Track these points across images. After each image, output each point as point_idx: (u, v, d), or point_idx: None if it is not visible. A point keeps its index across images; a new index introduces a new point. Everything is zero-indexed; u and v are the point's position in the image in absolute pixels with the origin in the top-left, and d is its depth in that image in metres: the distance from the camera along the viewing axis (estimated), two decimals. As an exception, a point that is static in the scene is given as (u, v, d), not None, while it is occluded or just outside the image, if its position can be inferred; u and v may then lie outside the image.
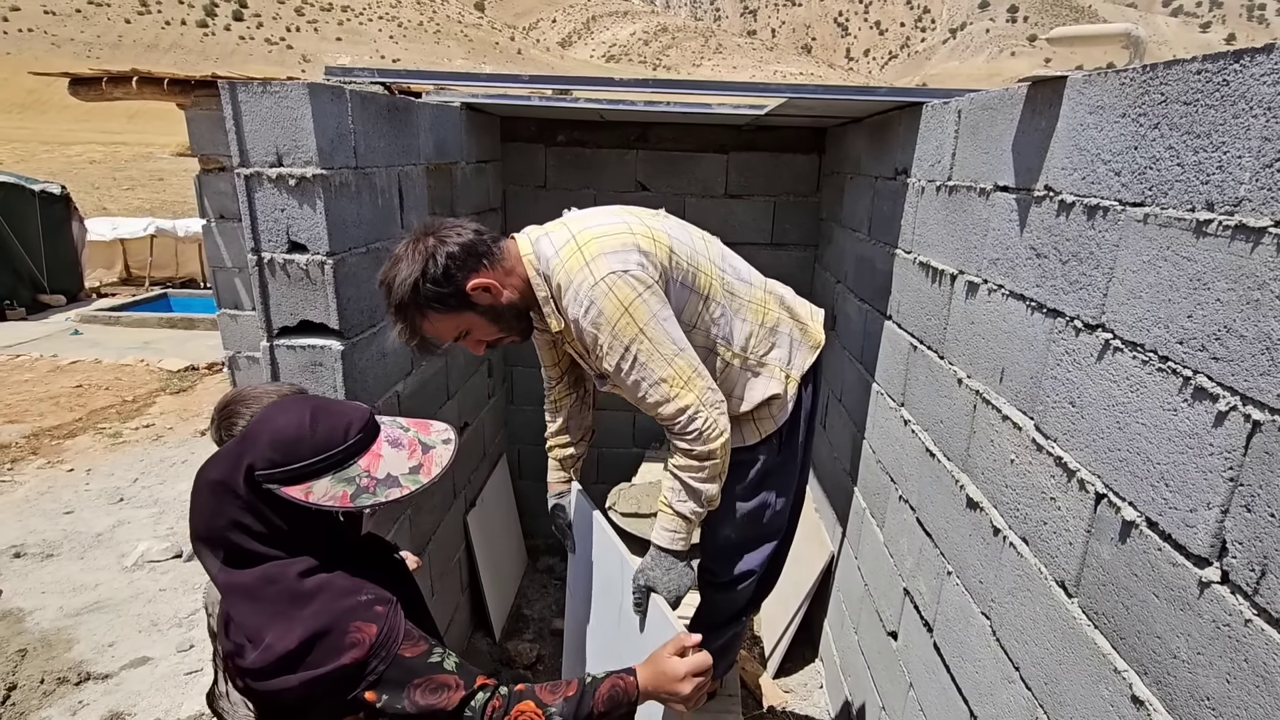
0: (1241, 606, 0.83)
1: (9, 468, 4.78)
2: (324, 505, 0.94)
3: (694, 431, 1.36)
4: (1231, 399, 0.86)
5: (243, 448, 0.96)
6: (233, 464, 0.96)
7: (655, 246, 1.39)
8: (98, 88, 3.49)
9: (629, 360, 1.34)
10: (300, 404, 1.00)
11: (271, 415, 0.99)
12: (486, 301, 1.38)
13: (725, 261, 1.59)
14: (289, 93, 1.59)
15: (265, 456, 0.94)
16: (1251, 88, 0.85)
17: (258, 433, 0.97)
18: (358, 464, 0.97)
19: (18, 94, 71.79)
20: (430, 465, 1.03)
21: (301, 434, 0.95)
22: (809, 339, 1.67)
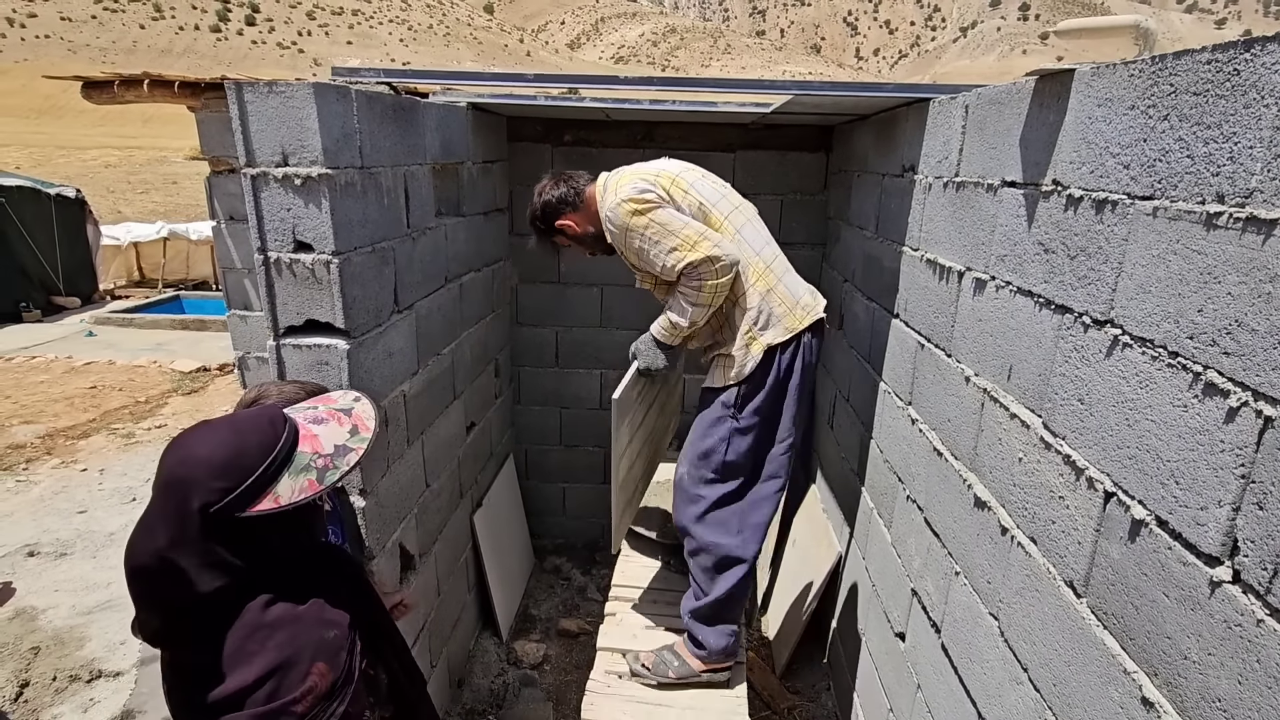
0: (1254, 606, 0.82)
1: (24, 467, 4.84)
2: (298, 500, 0.92)
3: (698, 277, 1.79)
4: (1243, 395, 0.84)
5: (173, 501, 0.89)
6: (174, 521, 0.88)
7: (667, 182, 1.88)
8: (110, 91, 3.53)
9: (648, 241, 1.82)
10: (208, 429, 0.94)
11: (189, 452, 0.91)
12: (570, 233, 2.01)
13: (742, 223, 1.94)
14: (294, 93, 1.60)
15: (213, 489, 0.88)
16: (1263, 77, 0.83)
17: (185, 477, 0.89)
18: (302, 451, 0.95)
19: (35, 99, 72.85)
20: (362, 421, 1.02)
21: (237, 450, 0.91)
22: (787, 319, 1.90)
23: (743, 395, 1.91)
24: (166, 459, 0.92)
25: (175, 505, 0.89)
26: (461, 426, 2.79)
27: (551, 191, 2.00)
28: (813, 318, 1.92)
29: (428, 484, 2.43)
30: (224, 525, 0.89)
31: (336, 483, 0.96)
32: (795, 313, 1.90)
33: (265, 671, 0.90)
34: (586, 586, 3.55)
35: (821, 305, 1.98)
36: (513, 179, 3.31)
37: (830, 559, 2.79)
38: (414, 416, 2.26)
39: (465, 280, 2.73)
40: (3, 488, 4.54)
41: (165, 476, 0.91)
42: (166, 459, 0.92)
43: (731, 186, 2.04)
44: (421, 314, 2.28)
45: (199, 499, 0.88)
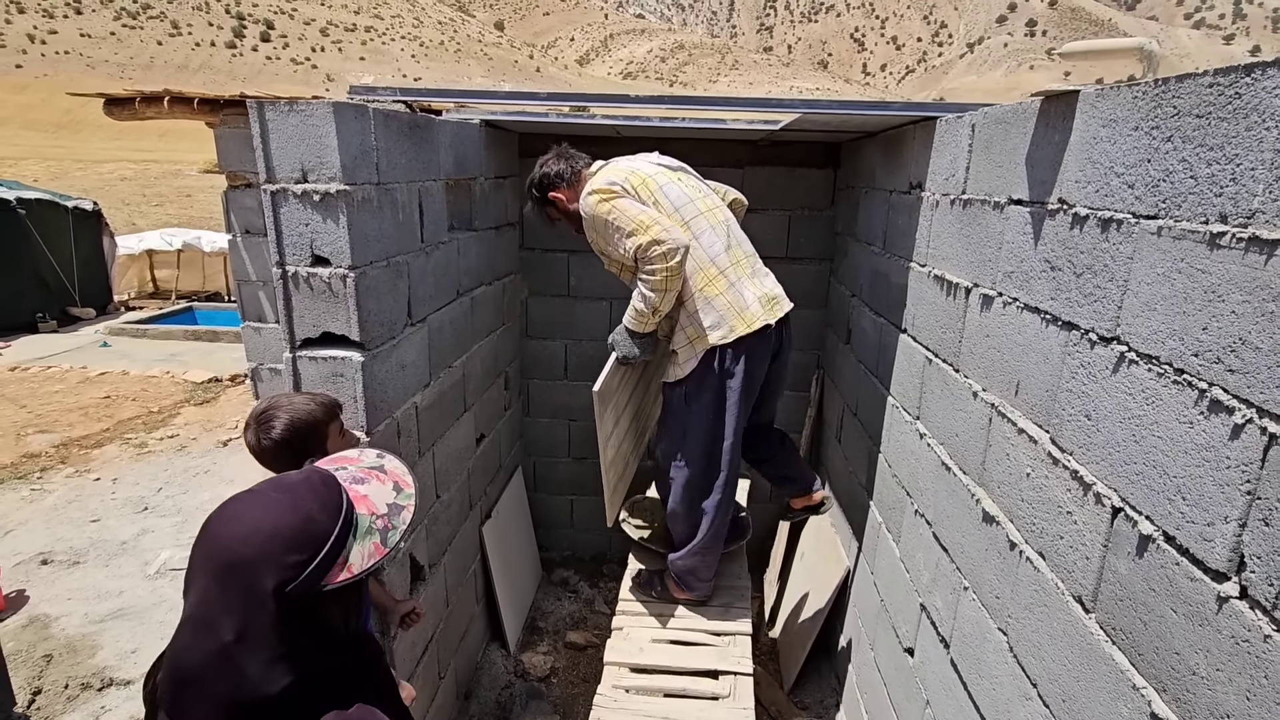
0: (1261, 622, 0.82)
1: (39, 476, 4.89)
2: (369, 568, 0.84)
3: (648, 258, 1.90)
4: (1248, 411, 0.85)
5: (241, 585, 0.77)
6: (244, 608, 0.77)
7: (637, 181, 2.03)
8: (131, 108, 3.60)
9: (610, 228, 1.95)
10: (260, 499, 0.83)
11: (251, 526, 0.80)
12: (560, 206, 2.17)
13: (703, 228, 2.04)
14: (314, 111, 1.64)
15: (289, 564, 0.78)
16: (1264, 100, 0.85)
17: (253, 556, 0.78)
18: (361, 514, 0.88)
19: (54, 114, 74.16)
20: (400, 477, 0.97)
21: (305, 517, 0.81)
22: (732, 323, 2.00)
23: (687, 393, 2.08)
24: (222, 538, 0.80)
25: (244, 589, 0.77)
26: (471, 438, 2.81)
27: (552, 165, 2.18)
28: (755, 325, 2.00)
29: (438, 495, 2.45)
30: (296, 607, 0.78)
31: (399, 545, 0.89)
32: (742, 317, 2.00)
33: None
34: (594, 599, 3.55)
35: (772, 315, 2.05)
36: (524, 194, 3.35)
37: (839, 573, 2.78)
38: (425, 428, 2.29)
39: (476, 294, 2.76)
40: (18, 496, 4.59)
41: (227, 558, 0.78)
42: (222, 538, 0.80)
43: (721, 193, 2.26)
44: (434, 327, 2.31)
45: (274, 578, 0.77)
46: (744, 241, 2.14)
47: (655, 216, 1.93)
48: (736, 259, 2.06)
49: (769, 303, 2.06)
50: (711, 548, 2.27)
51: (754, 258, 2.14)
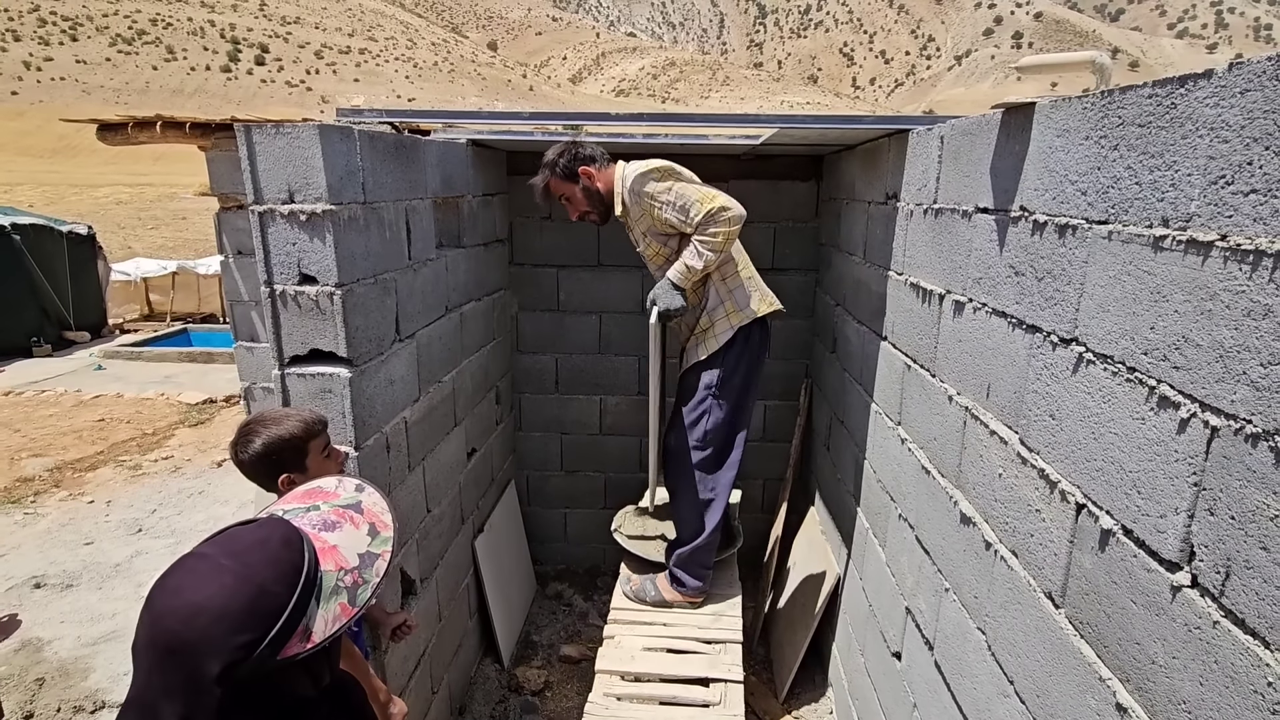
0: (1210, 609, 0.85)
1: (32, 500, 4.88)
2: (333, 634, 0.75)
3: (715, 220, 2.11)
4: (1192, 406, 0.89)
5: (182, 672, 0.69)
6: (183, 693, 0.69)
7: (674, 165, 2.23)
8: (124, 132, 3.66)
9: (668, 203, 2.17)
10: (207, 568, 0.73)
11: (194, 605, 0.70)
12: (585, 183, 2.30)
13: None
14: (300, 134, 1.68)
15: (236, 646, 0.69)
16: (1196, 110, 0.90)
17: (197, 640, 0.69)
18: (326, 571, 0.77)
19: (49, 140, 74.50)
20: (378, 518, 0.87)
21: (256, 595, 0.71)
22: (757, 303, 2.30)
23: (721, 377, 2.29)
24: (164, 617, 0.71)
25: (186, 676, 0.69)
26: (463, 452, 2.84)
27: (583, 149, 2.31)
28: (775, 306, 2.31)
29: (429, 509, 2.46)
30: (249, 687, 0.71)
31: (370, 601, 0.80)
32: (766, 299, 2.31)
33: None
34: (588, 612, 3.55)
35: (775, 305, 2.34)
36: (512, 211, 3.40)
37: (829, 581, 2.80)
38: (415, 443, 2.31)
39: (466, 309, 2.80)
40: (11, 520, 4.58)
41: (167, 641, 0.70)
42: (164, 617, 0.71)
43: None
44: (423, 342, 2.35)
45: (219, 662, 0.69)
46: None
47: (714, 190, 2.17)
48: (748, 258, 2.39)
49: (760, 301, 2.33)
50: (712, 539, 2.43)
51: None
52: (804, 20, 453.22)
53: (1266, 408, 0.77)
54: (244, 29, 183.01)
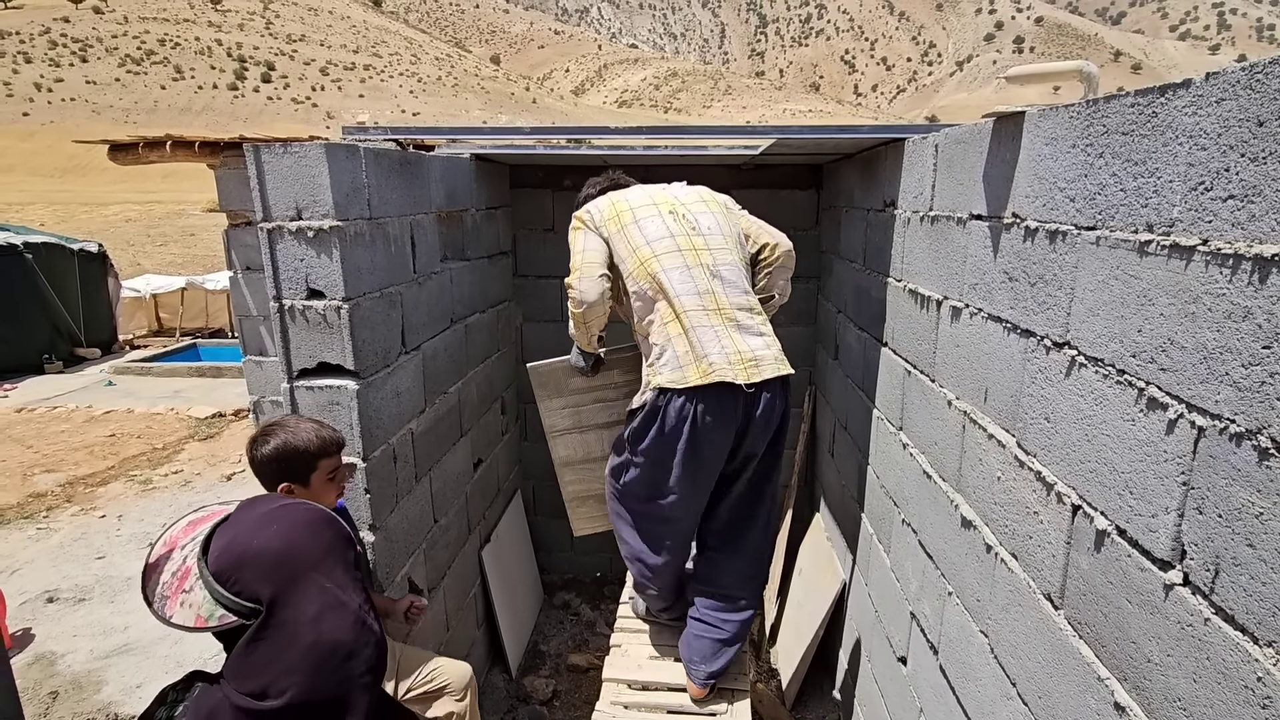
0: (1201, 606, 0.87)
1: (45, 515, 4.94)
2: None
3: (568, 295, 1.98)
4: (1179, 407, 0.91)
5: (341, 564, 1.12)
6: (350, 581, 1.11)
7: (612, 213, 2.01)
8: (134, 152, 3.73)
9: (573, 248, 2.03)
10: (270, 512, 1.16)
11: (290, 528, 1.12)
12: None
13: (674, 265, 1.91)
14: (307, 152, 1.72)
15: (349, 538, 1.17)
16: (1176, 118, 0.92)
17: (330, 540, 1.13)
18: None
19: (59, 159, 75.48)
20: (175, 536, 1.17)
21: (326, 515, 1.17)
22: (687, 370, 1.81)
23: (634, 431, 1.92)
24: (288, 544, 1.09)
25: (343, 564, 1.12)
26: (469, 463, 2.86)
27: (592, 187, 2.25)
28: (708, 379, 1.77)
29: (436, 519, 2.49)
30: None
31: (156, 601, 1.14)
32: (696, 366, 1.80)
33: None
34: (596, 621, 3.56)
35: (741, 375, 1.79)
36: (516, 223, 3.44)
37: (835, 587, 2.81)
38: (421, 453, 2.34)
39: (471, 321, 2.83)
40: (24, 535, 4.63)
41: (313, 549, 1.10)
42: (288, 544, 1.09)
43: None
44: (428, 354, 2.38)
45: (351, 549, 1.14)
46: (738, 294, 1.91)
47: (584, 264, 1.97)
48: (713, 306, 1.86)
49: (742, 361, 1.81)
50: (646, 593, 2.23)
51: (745, 312, 1.89)
52: (805, 29, 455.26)
53: (1249, 407, 0.79)
54: (250, 47, 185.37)
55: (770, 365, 1.85)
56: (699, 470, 1.88)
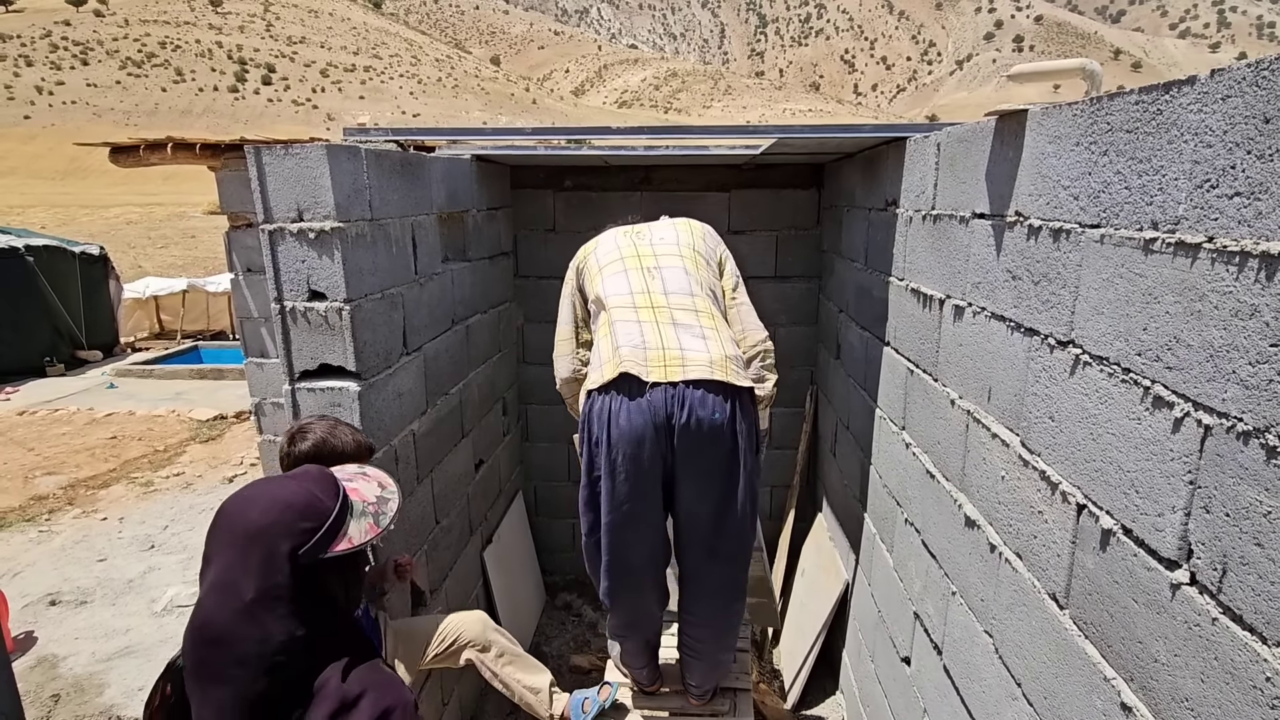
0: (1209, 606, 0.86)
1: (47, 518, 4.94)
2: (366, 541, 0.98)
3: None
4: (1185, 405, 0.90)
5: (261, 550, 0.90)
6: (264, 569, 0.89)
7: (580, 259, 2.07)
8: (136, 155, 3.72)
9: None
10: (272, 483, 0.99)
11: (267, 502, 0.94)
12: None
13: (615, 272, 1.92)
14: (308, 154, 1.72)
15: (300, 530, 0.91)
16: (1181, 115, 0.92)
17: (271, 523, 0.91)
18: (354, 500, 1.02)
19: (60, 162, 75.58)
20: (384, 479, 1.13)
21: (310, 496, 0.96)
22: (605, 367, 1.74)
23: (580, 448, 1.84)
24: (238, 514, 0.93)
25: (264, 553, 0.90)
26: (470, 464, 2.86)
27: None
28: (609, 376, 1.67)
29: (437, 521, 2.49)
30: (309, 570, 0.91)
31: (389, 526, 1.05)
32: (611, 362, 1.70)
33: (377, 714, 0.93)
34: (598, 622, 3.56)
35: (660, 374, 1.65)
36: (517, 224, 3.44)
37: (838, 587, 2.80)
38: (423, 455, 2.34)
39: (472, 322, 2.83)
40: (26, 538, 4.63)
41: (247, 528, 0.91)
42: (238, 514, 0.93)
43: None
44: (429, 355, 2.38)
45: (288, 543, 0.90)
46: (682, 295, 1.81)
47: (564, 335, 2.09)
48: (645, 304, 1.77)
49: (663, 359, 1.67)
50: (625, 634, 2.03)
51: (685, 311, 1.78)
52: (804, 29, 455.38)
53: (1256, 405, 0.78)
54: (251, 49, 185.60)
55: (701, 368, 1.65)
56: (636, 479, 1.68)
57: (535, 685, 2.01)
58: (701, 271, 1.92)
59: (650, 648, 2.09)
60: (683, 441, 1.65)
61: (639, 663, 2.11)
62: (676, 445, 1.66)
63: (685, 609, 1.96)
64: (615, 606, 1.92)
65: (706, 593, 1.89)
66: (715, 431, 1.65)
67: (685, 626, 1.99)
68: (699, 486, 1.71)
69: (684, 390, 1.64)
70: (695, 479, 1.70)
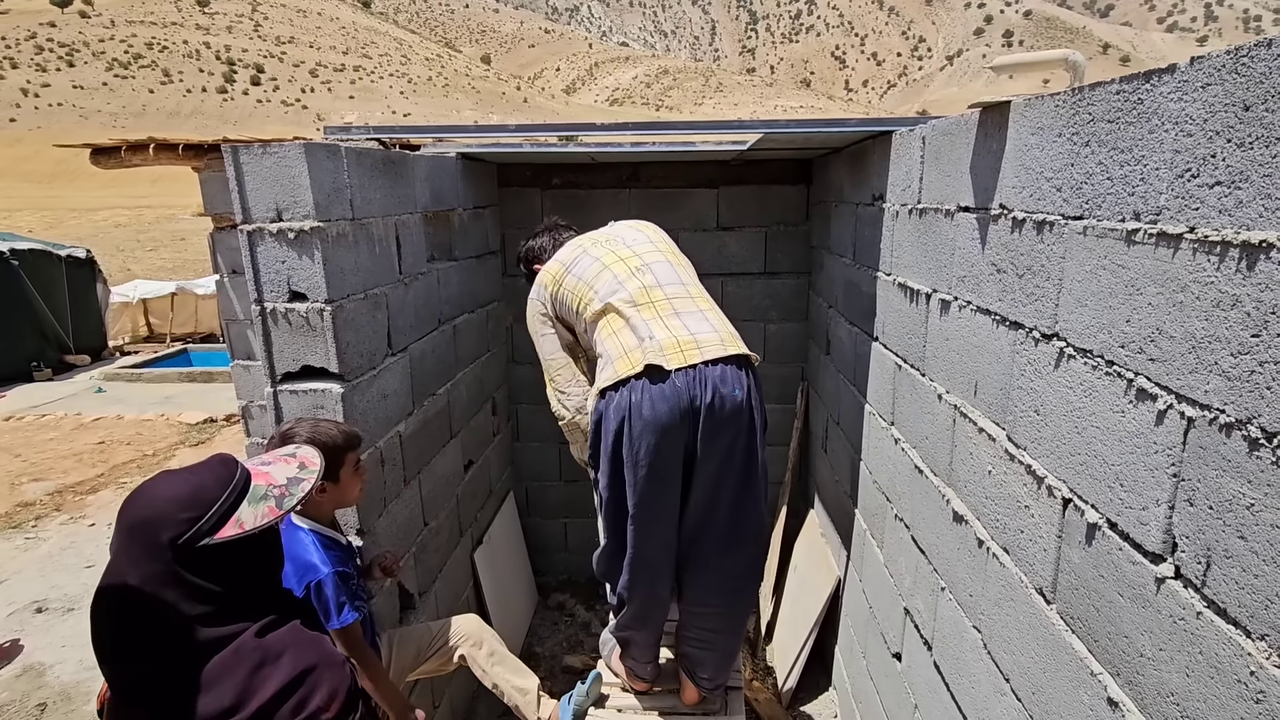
0: (1193, 600, 0.86)
1: (33, 524, 4.88)
2: (262, 525, 0.97)
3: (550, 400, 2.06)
4: (1168, 398, 0.89)
5: (141, 541, 0.92)
6: (144, 559, 0.91)
7: (551, 284, 1.99)
8: (117, 156, 3.67)
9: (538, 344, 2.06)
10: (163, 477, 0.99)
11: (150, 496, 0.95)
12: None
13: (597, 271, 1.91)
14: (287, 153, 1.70)
15: (180, 520, 0.92)
16: (1162, 104, 0.91)
17: (150, 516, 0.93)
18: (257, 484, 1.00)
19: (47, 164, 74.94)
20: (308, 459, 1.09)
21: (197, 486, 0.96)
22: (618, 364, 1.74)
23: (590, 453, 1.83)
24: (126, 508, 0.95)
25: (144, 544, 0.92)
26: (459, 465, 2.84)
27: (534, 240, 2.24)
28: (636, 367, 1.68)
29: (426, 523, 2.46)
30: (195, 555, 0.92)
31: (294, 507, 1.02)
32: (626, 358, 1.71)
33: (284, 684, 0.93)
34: (591, 622, 3.54)
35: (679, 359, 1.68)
36: (504, 222, 3.42)
37: (830, 583, 2.79)
38: (410, 456, 2.32)
39: (459, 322, 2.81)
40: (12, 545, 4.58)
41: (129, 521, 0.93)
42: (126, 508, 0.95)
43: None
44: (415, 356, 2.35)
45: (168, 533, 0.91)
46: (671, 284, 1.86)
47: (560, 361, 2.02)
48: (644, 300, 1.81)
49: (678, 346, 1.71)
50: (637, 628, 2.00)
51: (682, 299, 1.84)
52: (795, 25, 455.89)
53: (1238, 397, 0.77)
54: (239, 50, 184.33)
55: (714, 346, 1.72)
56: (660, 468, 1.70)
57: (524, 687, 2.01)
58: (681, 260, 2.01)
59: (657, 641, 2.09)
60: (706, 425, 1.68)
61: (646, 657, 2.09)
62: (701, 429, 1.68)
63: (698, 601, 1.94)
64: (632, 600, 1.91)
65: (725, 579, 1.89)
66: (736, 411, 1.70)
67: (697, 620, 1.97)
68: (722, 471, 1.74)
69: (704, 370, 1.68)
70: (719, 463, 1.73)
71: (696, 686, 2.07)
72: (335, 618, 1.58)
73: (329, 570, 1.59)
